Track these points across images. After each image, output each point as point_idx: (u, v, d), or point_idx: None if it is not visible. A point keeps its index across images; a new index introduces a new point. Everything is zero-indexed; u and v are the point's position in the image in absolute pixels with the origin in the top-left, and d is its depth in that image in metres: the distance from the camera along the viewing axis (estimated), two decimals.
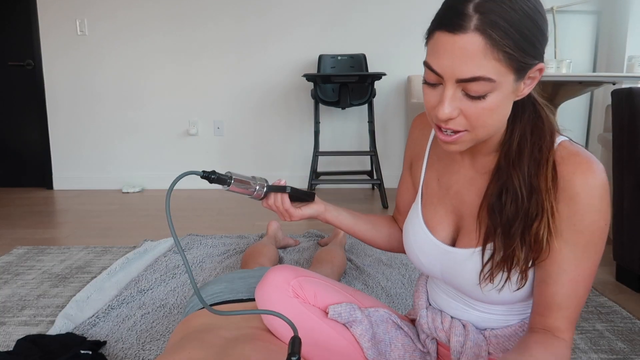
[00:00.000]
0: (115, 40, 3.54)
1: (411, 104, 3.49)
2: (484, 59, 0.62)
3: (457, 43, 0.62)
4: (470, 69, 0.62)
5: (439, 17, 0.66)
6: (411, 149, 0.95)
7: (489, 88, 0.64)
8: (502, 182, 0.73)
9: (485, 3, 0.61)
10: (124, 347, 1.33)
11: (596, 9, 3.62)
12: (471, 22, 0.61)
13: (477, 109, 0.66)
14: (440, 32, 0.64)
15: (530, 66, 0.65)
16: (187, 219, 2.77)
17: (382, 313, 0.96)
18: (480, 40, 0.61)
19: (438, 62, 0.65)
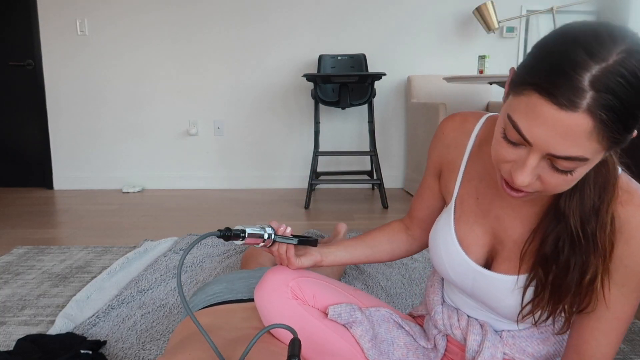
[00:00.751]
0: (115, 40, 3.54)
1: (411, 104, 3.49)
2: (586, 141, 0.55)
3: (562, 120, 0.55)
4: (568, 149, 0.56)
5: (543, 77, 0.56)
6: (441, 156, 0.88)
7: (579, 165, 0.59)
8: (559, 228, 0.69)
9: (604, 77, 0.53)
10: (124, 346, 1.33)
11: (596, 9, 3.62)
12: (584, 101, 0.53)
13: (559, 180, 0.61)
14: (543, 99, 0.56)
15: (627, 141, 0.59)
16: (187, 219, 2.77)
17: (384, 312, 0.95)
18: (590, 123, 0.54)
19: (531, 129, 0.58)
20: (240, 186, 3.72)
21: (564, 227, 0.68)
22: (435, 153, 0.89)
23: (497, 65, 3.65)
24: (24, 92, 3.64)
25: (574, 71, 0.53)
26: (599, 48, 0.54)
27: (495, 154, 0.65)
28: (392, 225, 1.03)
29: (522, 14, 3.59)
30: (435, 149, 0.89)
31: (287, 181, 3.72)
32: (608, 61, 0.53)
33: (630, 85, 0.53)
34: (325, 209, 3.03)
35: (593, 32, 0.56)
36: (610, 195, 0.66)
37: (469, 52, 3.62)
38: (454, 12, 3.56)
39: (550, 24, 3.60)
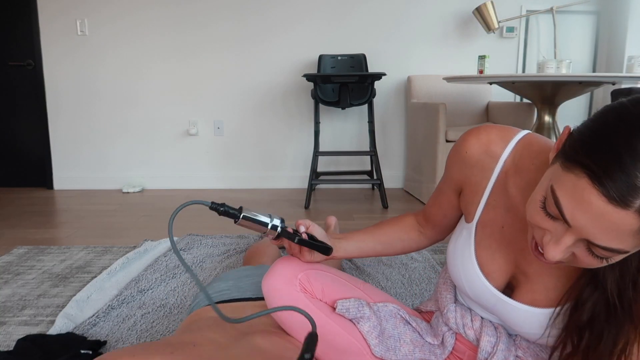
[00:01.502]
0: (115, 40, 3.54)
1: (411, 104, 3.49)
2: (630, 238, 0.53)
3: (609, 215, 0.52)
4: (609, 242, 0.54)
5: (600, 163, 0.52)
6: (463, 175, 0.82)
7: (617, 255, 0.57)
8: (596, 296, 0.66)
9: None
10: (124, 346, 1.33)
11: (596, 9, 3.62)
12: (638, 201, 0.50)
13: (593, 262, 0.58)
14: (594, 187, 0.52)
15: None
16: (187, 219, 2.77)
17: (391, 308, 0.95)
18: (637, 223, 0.51)
19: (573, 212, 0.55)
20: (240, 186, 3.72)
21: (601, 295, 0.65)
22: (456, 170, 0.83)
23: (497, 65, 3.65)
24: (24, 92, 3.64)
25: (635, 167, 0.50)
26: None
27: (531, 217, 0.62)
28: (406, 220, 1.00)
29: (522, 14, 3.59)
30: (456, 166, 0.83)
31: (287, 181, 3.72)
32: None
33: None
34: (325, 209, 3.03)
35: None
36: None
37: (469, 52, 3.62)
38: (454, 12, 3.56)
39: (550, 24, 3.60)
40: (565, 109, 3.68)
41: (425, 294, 1.68)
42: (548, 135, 2.67)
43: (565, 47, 3.64)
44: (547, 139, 0.77)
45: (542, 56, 3.66)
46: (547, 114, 2.69)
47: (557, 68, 2.68)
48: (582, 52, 3.67)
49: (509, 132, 0.78)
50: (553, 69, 2.67)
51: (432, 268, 1.91)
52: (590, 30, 3.66)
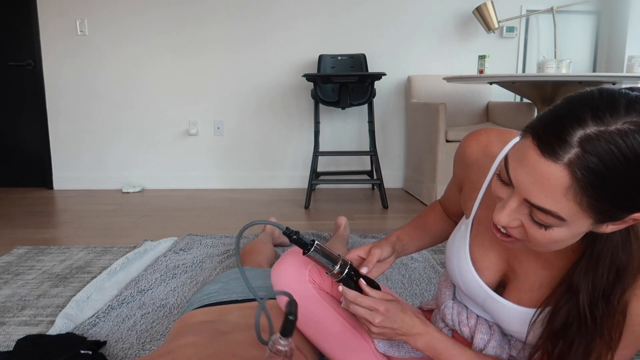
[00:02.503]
0: (115, 40, 3.54)
1: (411, 104, 3.49)
2: (562, 197, 0.54)
3: (542, 167, 0.54)
4: (543, 200, 0.56)
5: (541, 123, 0.56)
6: (463, 173, 0.86)
7: (556, 223, 0.57)
8: (571, 304, 0.67)
9: (595, 140, 0.52)
10: (124, 347, 1.33)
11: (596, 9, 3.62)
12: (567, 155, 0.53)
13: (537, 234, 0.60)
14: (533, 143, 0.56)
15: (619, 218, 0.57)
16: (187, 219, 2.77)
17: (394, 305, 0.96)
18: (567, 178, 0.53)
19: (516, 171, 0.58)
20: (240, 186, 3.72)
21: (575, 304, 0.66)
22: (458, 169, 0.88)
23: (497, 65, 3.65)
24: (24, 92, 3.64)
25: (570, 124, 0.53)
26: (606, 112, 0.52)
27: (493, 190, 0.65)
28: (442, 210, 1.03)
29: (522, 13, 3.59)
30: (458, 165, 0.87)
31: (287, 181, 3.72)
32: (609, 127, 0.52)
33: (624, 158, 0.51)
34: (325, 209, 3.03)
35: (614, 98, 0.54)
36: (626, 284, 0.63)
37: (469, 52, 3.62)
38: (454, 12, 3.56)
39: (550, 24, 3.60)
40: None
41: (425, 294, 1.68)
42: None
43: (565, 47, 3.64)
44: None
45: (542, 56, 3.66)
46: None
47: (557, 68, 2.68)
48: (582, 52, 3.67)
49: (509, 134, 0.80)
50: (553, 69, 2.67)
51: (432, 268, 1.91)
52: (590, 30, 3.66)
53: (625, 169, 0.51)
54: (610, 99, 0.53)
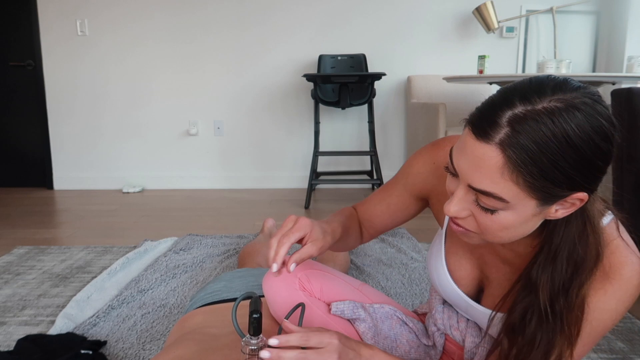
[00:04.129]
0: (115, 40, 3.54)
1: (411, 104, 3.49)
2: (499, 177, 0.56)
3: (477, 150, 0.57)
4: (483, 182, 0.57)
5: (476, 111, 0.59)
6: (430, 183, 0.84)
7: (501, 206, 0.58)
8: (529, 299, 0.66)
9: (523, 119, 0.54)
10: (124, 347, 1.33)
11: (596, 9, 3.62)
12: (497, 135, 0.55)
13: (486, 220, 0.61)
14: (469, 130, 0.58)
15: (561, 197, 0.57)
16: (187, 219, 2.77)
17: (387, 309, 0.96)
18: (500, 157, 0.55)
19: (458, 159, 0.60)
20: (240, 186, 3.72)
21: (534, 299, 0.65)
22: (421, 179, 0.85)
23: (497, 65, 3.65)
24: (24, 92, 3.64)
25: (500, 107, 0.56)
26: (533, 93, 0.55)
27: (446, 186, 0.66)
28: (356, 218, 0.95)
29: (522, 14, 3.59)
30: (421, 176, 0.85)
31: (287, 181, 3.73)
32: (536, 106, 0.54)
33: (551, 133, 0.53)
34: (325, 209, 3.03)
35: (541, 82, 0.57)
36: (584, 277, 0.63)
37: (469, 52, 3.62)
38: (454, 12, 3.56)
39: (550, 24, 3.60)
40: None
41: (425, 294, 1.68)
42: None
43: (565, 47, 3.64)
44: None
45: (542, 56, 3.66)
46: None
47: (557, 68, 2.68)
48: (582, 52, 3.67)
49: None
50: (553, 69, 2.67)
51: None
52: (590, 30, 3.66)
53: (553, 144, 0.53)
54: (539, 83, 0.56)
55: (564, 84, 0.56)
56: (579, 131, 0.53)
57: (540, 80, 0.57)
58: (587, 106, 0.54)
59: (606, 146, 0.55)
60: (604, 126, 0.55)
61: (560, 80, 0.57)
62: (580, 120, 0.54)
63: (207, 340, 0.92)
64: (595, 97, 0.56)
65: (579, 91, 0.55)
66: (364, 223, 0.95)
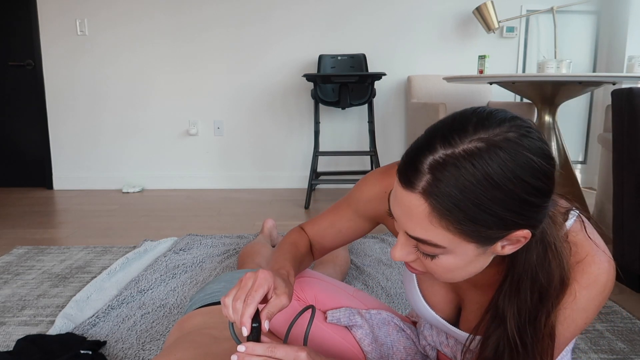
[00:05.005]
0: (115, 40, 3.54)
1: (411, 104, 3.49)
2: (429, 225, 0.54)
3: (404, 198, 0.55)
4: (415, 230, 0.56)
5: (404, 156, 0.57)
6: (382, 208, 0.81)
7: (439, 251, 0.57)
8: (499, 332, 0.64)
9: (443, 165, 0.52)
10: (124, 347, 1.33)
11: (596, 9, 3.62)
12: (420, 183, 0.53)
13: (431, 265, 0.60)
14: (397, 177, 0.57)
15: (498, 237, 0.55)
16: (187, 219, 2.77)
17: (385, 316, 0.95)
18: (426, 205, 0.53)
19: (393, 206, 0.59)
20: (240, 186, 3.72)
21: (503, 331, 0.63)
22: (372, 206, 0.82)
23: (497, 65, 3.65)
24: (24, 92, 3.64)
25: (422, 153, 0.54)
26: (454, 134, 0.53)
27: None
28: (306, 246, 0.91)
29: (522, 13, 3.59)
30: (373, 202, 0.82)
31: (287, 181, 3.72)
32: (456, 148, 0.52)
33: (472, 177, 0.51)
34: (325, 209, 3.02)
35: (465, 119, 0.54)
36: (549, 306, 0.62)
37: (469, 52, 3.62)
38: (454, 12, 3.56)
39: (550, 24, 3.60)
40: (565, 109, 3.68)
41: None
42: (548, 135, 2.67)
43: (565, 47, 3.64)
44: None
45: (542, 56, 3.66)
46: (547, 114, 2.69)
47: (557, 68, 2.68)
48: (582, 52, 3.67)
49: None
50: (553, 69, 2.67)
51: None
52: (591, 30, 3.65)
53: (477, 188, 0.51)
54: (462, 121, 0.54)
55: (488, 119, 0.53)
56: (503, 171, 0.51)
57: (465, 117, 0.54)
58: (510, 142, 0.51)
59: (537, 182, 0.52)
60: (533, 161, 0.52)
61: (484, 114, 0.54)
62: (503, 158, 0.51)
63: (207, 342, 0.92)
64: (523, 129, 0.53)
65: (504, 126, 0.52)
66: (314, 244, 0.92)
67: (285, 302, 0.68)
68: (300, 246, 0.87)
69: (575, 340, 0.70)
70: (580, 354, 1.31)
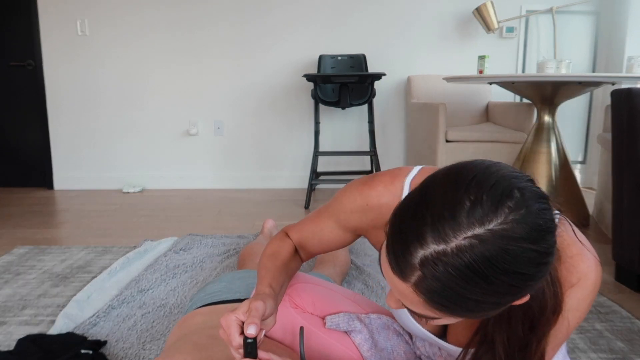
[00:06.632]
0: (115, 40, 3.54)
1: (411, 104, 3.49)
2: (424, 309, 0.54)
3: (398, 284, 0.54)
4: (412, 307, 0.55)
5: (393, 234, 0.54)
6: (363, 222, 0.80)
7: (438, 317, 0.56)
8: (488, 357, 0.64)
9: (435, 263, 0.49)
10: (124, 346, 1.33)
11: (595, 9, 3.62)
12: (412, 277, 0.51)
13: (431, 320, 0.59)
14: (388, 255, 0.54)
15: (497, 311, 0.54)
16: (187, 219, 2.78)
17: (385, 320, 0.94)
18: (419, 298, 0.52)
19: (386, 277, 0.56)
20: (240, 186, 3.73)
21: (492, 356, 0.63)
22: (354, 219, 0.80)
23: (497, 65, 3.65)
24: (24, 92, 3.64)
25: (412, 244, 0.51)
26: (446, 226, 0.49)
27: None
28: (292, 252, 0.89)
29: (522, 14, 3.59)
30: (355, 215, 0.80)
31: (287, 181, 3.73)
32: (448, 245, 0.49)
33: (469, 278, 0.49)
34: None
35: (456, 201, 0.50)
36: (540, 334, 0.61)
37: (469, 52, 3.63)
38: (454, 12, 3.56)
39: (550, 24, 3.60)
40: (565, 109, 3.69)
41: None
42: (548, 135, 2.67)
43: (565, 47, 3.64)
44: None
45: (542, 56, 3.66)
46: (547, 114, 2.70)
47: (556, 68, 2.68)
48: (582, 52, 3.67)
49: (397, 179, 0.77)
50: (553, 69, 2.67)
51: None
52: (590, 30, 3.66)
53: (470, 287, 0.49)
54: (453, 203, 0.50)
55: (482, 203, 0.49)
56: (500, 269, 0.49)
57: (457, 196, 0.50)
58: (506, 238, 0.49)
59: (536, 268, 0.50)
60: (532, 250, 0.49)
61: (479, 194, 0.50)
62: (500, 257, 0.48)
63: (207, 343, 0.92)
64: (523, 208, 0.50)
65: (501, 211, 0.49)
66: (299, 249, 0.90)
67: (272, 323, 0.71)
68: (281, 255, 0.85)
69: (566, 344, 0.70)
70: (580, 353, 1.31)
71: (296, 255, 0.89)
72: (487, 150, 3.01)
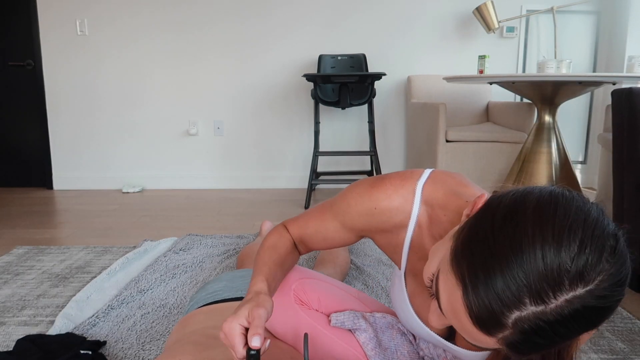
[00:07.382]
0: (115, 40, 3.54)
1: (411, 104, 3.49)
2: (490, 345, 0.52)
3: (475, 333, 0.51)
4: (474, 341, 0.54)
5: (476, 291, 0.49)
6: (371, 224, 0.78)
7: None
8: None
9: (531, 324, 0.47)
10: (123, 347, 1.33)
11: (596, 9, 3.62)
12: (499, 334, 0.49)
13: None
14: (465, 308, 0.50)
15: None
16: (186, 219, 2.77)
17: (390, 320, 0.94)
18: (497, 344, 0.51)
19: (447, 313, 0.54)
20: (240, 186, 3.72)
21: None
22: (361, 221, 0.78)
23: (497, 65, 3.65)
24: (24, 92, 3.64)
25: (507, 308, 0.47)
26: (548, 289, 0.46)
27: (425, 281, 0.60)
28: (291, 245, 0.89)
29: (522, 13, 3.59)
30: (362, 218, 0.78)
31: (287, 181, 3.72)
32: (547, 306, 0.46)
33: (561, 335, 0.47)
34: None
35: (561, 268, 0.46)
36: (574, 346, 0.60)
37: (469, 52, 3.62)
38: (454, 12, 3.56)
39: (550, 24, 3.60)
40: (565, 108, 3.68)
41: None
42: (548, 135, 2.67)
43: (565, 47, 3.64)
44: (449, 176, 0.74)
45: (542, 56, 3.66)
46: (547, 114, 2.69)
47: (557, 68, 2.68)
48: (582, 52, 3.67)
49: (408, 182, 0.75)
50: (553, 69, 2.67)
51: None
52: (591, 30, 3.65)
53: (562, 340, 0.48)
54: (557, 270, 0.46)
55: (588, 270, 0.46)
56: (591, 322, 0.48)
57: (560, 265, 0.46)
58: (606, 298, 0.47)
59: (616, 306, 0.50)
60: (621, 293, 0.49)
61: (585, 263, 0.46)
62: (596, 313, 0.47)
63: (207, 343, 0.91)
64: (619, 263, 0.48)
65: (603, 269, 0.47)
66: (298, 244, 0.89)
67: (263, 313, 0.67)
68: (279, 248, 0.84)
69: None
70: (580, 353, 1.31)
71: (294, 249, 0.88)
72: (487, 150, 3.01)
